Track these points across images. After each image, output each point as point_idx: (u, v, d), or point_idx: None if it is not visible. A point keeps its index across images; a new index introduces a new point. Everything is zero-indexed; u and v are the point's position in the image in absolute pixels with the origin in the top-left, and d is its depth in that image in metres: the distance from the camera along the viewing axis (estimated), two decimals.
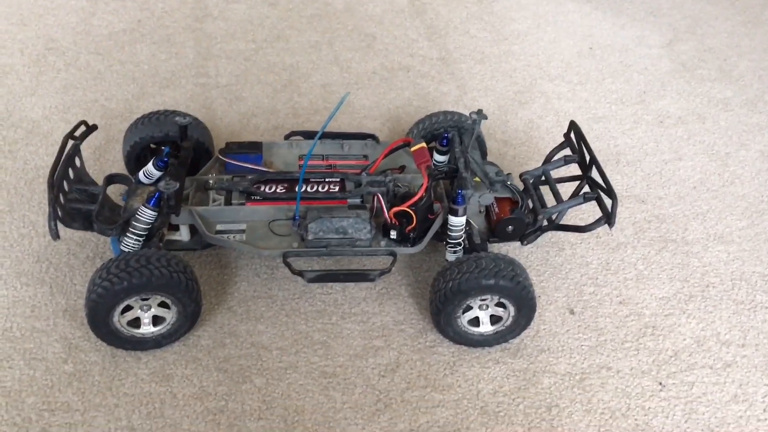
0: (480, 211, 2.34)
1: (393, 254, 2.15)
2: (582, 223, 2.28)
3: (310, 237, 2.11)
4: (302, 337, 2.18)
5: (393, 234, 2.15)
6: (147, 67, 3.26)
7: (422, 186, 2.15)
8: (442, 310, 2.09)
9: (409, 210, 2.13)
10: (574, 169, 2.43)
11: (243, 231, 2.19)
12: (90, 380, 2.00)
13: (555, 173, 2.41)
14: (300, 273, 2.09)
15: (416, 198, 2.12)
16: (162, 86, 3.15)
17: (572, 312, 2.33)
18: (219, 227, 2.19)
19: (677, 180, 2.91)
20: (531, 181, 2.36)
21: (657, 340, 2.26)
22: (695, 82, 3.52)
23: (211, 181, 2.28)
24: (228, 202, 2.23)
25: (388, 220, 2.15)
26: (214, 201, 2.25)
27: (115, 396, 1.97)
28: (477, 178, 2.28)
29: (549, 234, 2.54)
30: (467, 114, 2.58)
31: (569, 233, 2.56)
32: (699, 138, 3.16)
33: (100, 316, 1.94)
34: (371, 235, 2.13)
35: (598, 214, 2.21)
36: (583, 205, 2.41)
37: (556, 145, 2.47)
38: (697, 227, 2.70)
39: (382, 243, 2.17)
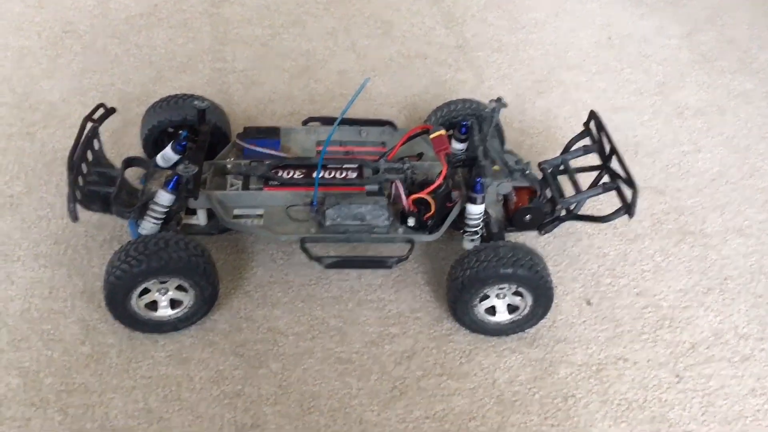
0: (498, 200, 2.32)
1: (410, 242, 2.14)
2: (599, 214, 2.26)
3: (327, 223, 2.11)
4: (318, 322, 2.18)
5: (411, 221, 2.14)
6: (164, 51, 3.26)
7: (441, 173, 2.14)
8: (458, 298, 2.08)
9: (427, 197, 2.12)
10: (592, 159, 2.41)
11: (260, 216, 2.18)
12: (107, 362, 2.01)
13: (574, 163, 2.39)
14: (317, 259, 2.09)
15: (435, 185, 2.12)
16: (179, 71, 3.15)
17: (589, 303, 2.32)
18: (236, 212, 2.19)
19: (696, 172, 2.89)
20: (550, 171, 2.34)
21: (674, 333, 2.25)
22: (715, 73, 3.49)
23: (228, 166, 2.28)
24: (246, 187, 2.23)
25: (406, 207, 2.14)
26: (231, 186, 2.24)
27: (132, 378, 1.98)
28: (496, 167, 2.26)
29: (566, 224, 2.51)
30: (486, 102, 2.56)
31: (587, 223, 2.54)
32: (718, 130, 3.12)
33: (118, 299, 1.95)
34: (389, 222, 2.13)
35: (616, 204, 2.19)
36: (601, 196, 2.39)
37: (575, 134, 2.45)
38: (715, 220, 2.67)
39: (400, 230, 2.16)
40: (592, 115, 2.41)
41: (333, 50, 3.38)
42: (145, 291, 2.00)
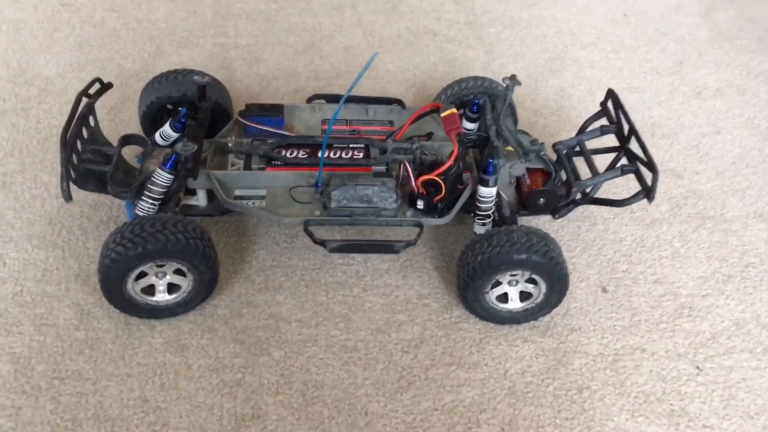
0: (510, 183, 2.22)
1: (419, 225, 2.05)
2: (615, 197, 2.16)
3: (333, 205, 2.01)
4: (322, 309, 2.09)
5: (420, 204, 2.04)
6: (164, 25, 3.15)
7: (452, 154, 2.04)
8: (469, 284, 1.99)
9: (437, 179, 2.02)
10: (609, 140, 2.30)
11: (263, 197, 2.09)
12: (102, 348, 1.93)
13: (590, 144, 2.28)
14: (322, 242, 2.00)
15: (446, 167, 2.01)
16: (179, 45, 3.04)
17: (605, 290, 2.23)
18: (238, 192, 2.09)
19: (715, 154, 2.78)
20: (564, 152, 2.25)
21: (694, 322, 2.16)
22: (734, 52, 3.36)
23: (230, 144, 2.18)
24: (247, 167, 2.13)
25: (415, 189, 2.04)
26: (233, 165, 2.15)
27: (128, 365, 1.90)
28: (509, 147, 2.16)
29: (580, 208, 2.42)
30: (498, 80, 2.45)
31: (602, 207, 2.44)
32: (738, 111, 3.01)
33: (113, 282, 1.86)
34: (397, 204, 2.03)
35: (633, 188, 2.09)
36: (618, 179, 2.29)
37: (590, 114, 2.34)
38: (736, 204, 2.57)
39: (408, 213, 2.06)
40: (610, 94, 2.30)
41: (339, 26, 3.27)
42: (142, 275, 1.91)
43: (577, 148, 2.28)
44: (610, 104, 2.29)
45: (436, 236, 2.32)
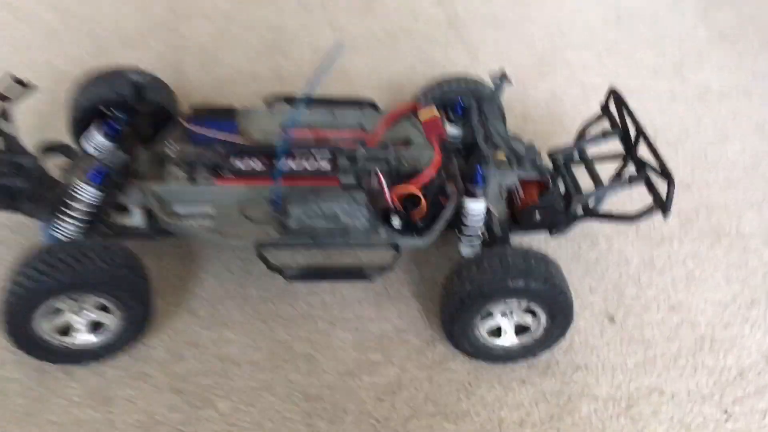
0: (501, 196, 1.90)
1: (396, 247, 1.72)
2: (616, 211, 1.86)
3: (292, 224, 1.69)
4: (281, 348, 1.75)
5: (396, 222, 1.72)
6: (109, 24, 2.81)
7: (433, 162, 1.72)
8: (456, 317, 1.67)
9: (416, 192, 1.70)
10: (613, 147, 2.00)
11: (210, 216, 1.75)
12: (8, 404, 1.57)
13: (591, 152, 1.98)
14: (278, 269, 1.67)
15: (426, 177, 1.70)
16: (125, 45, 2.70)
17: (612, 320, 1.92)
18: (179, 210, 1.75)
19: (726, 164, 2.50)
20: (562, 161, 1.94)
21: (717, 356, 1.85)
22: (736, 54, 3.10)
23: (171, 153, 1.84)
24: (192, 179, 1.79)
25: (390, 204, 1.72)
26: (174, 177, 1.81)
27: (38, 424, 1.54)
28: (500, 154, 1.85)
29: (580, 225, 2.10)
30: (485, 81, 2.15)
31: (604, 224, 2.13)
32: (746, 115, 2.74)
33: (18, 321, 1.51)
34: (369, 223, 1.71)
35: (639, 200, 1.79)
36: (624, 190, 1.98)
37: (587, 119, 2.04)
38: (753, 218, 2.28)
39: (382, 233, 1.74)
40: (612, 94, 2.01)
41: (306, 25, 2.95)
42: (58, 311, 1.56)
43: (577, 156, 1.98)
44: (612, 105, 2.00)
45: (416, 260, 2.00)
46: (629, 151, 1.93)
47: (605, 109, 2.04)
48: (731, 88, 2.88)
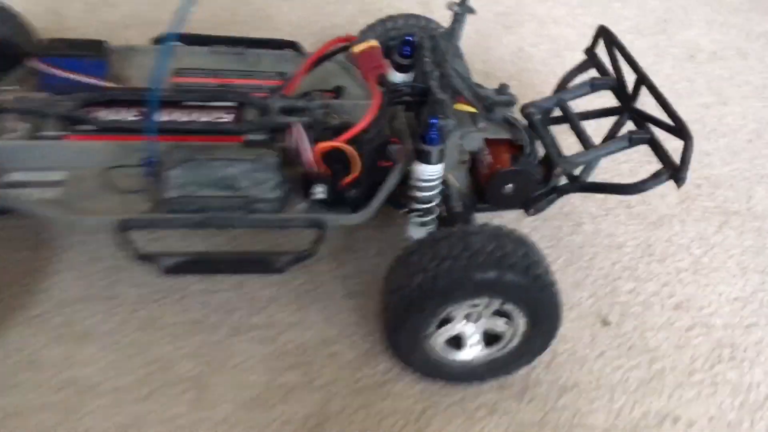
0: (462, 161, 1.43)
1: (319, 225, 1.24)
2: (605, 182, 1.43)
3: (171, 194, 1.20)
4: (160, 369, 1.26)
5: (319, 191, 1.24)
6: None
7: (369, 108, 1.25)
8: (402, 322, 1.20)
9: (345, 149, 1.22)
10: (604, 99, 1.56)
11: (58, 184, 1.25)
12: None
13: (576, 105, 1.53)
14: (147, 257, 1.17)
15: (359, 127, 1.22)
16: None
17: (606, 322, 1.48)
18: (16, 176, 1.24)
19: (726, 130, 2.10)
20: (539, 117, 1.48)
21: (741, 368, 1.43)
22: (725, 10, 2.73)
23: (8, 98, 1.32)
24: (34, 135, 1.28)
25: (312, 166, 1.24)
26: (10, 131, 1.29)
27: None
28: (464, 105, 1.38)
29: (559, 201, 1.65)
30: (438, 22, 1.71)
31: (588, 200, 1.70)
32: (744, 77, 2.36)
33: None
34: (281, 192, 1.22)
35: (631, 167, 1.36)
36: (618, 154, 1.55)
37: (566, 71, 1.60)
38: (764, 194, 1.88)
39: (301, 207, 1.26)
40: (602, 33, 1.58)
41: None
42: None
43: (558, 113, 1.53)
44: (601, 47, 1.56)
45: (350, 244, 1.52)
46: (626, 103, 1.49)
47: (590, 54, 1.60)
48: (724, 48, 2.50)
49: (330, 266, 1.48)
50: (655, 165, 1.31)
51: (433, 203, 1.34)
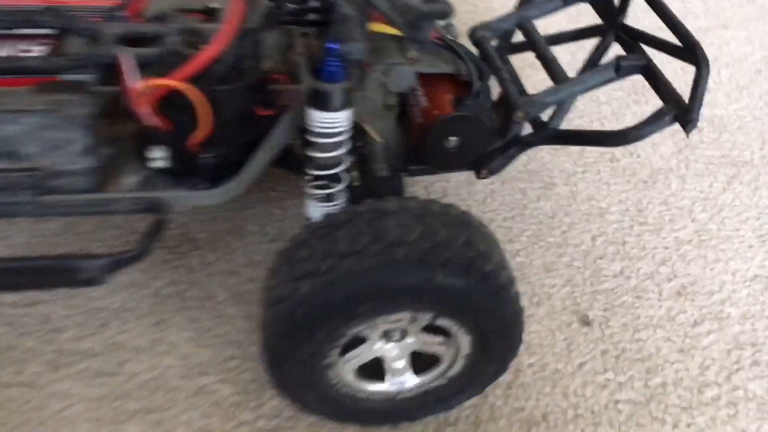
0: (387, 107, 1.01)
1: (156, 208, 0.83)
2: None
3: None
4: None
5: (157, 156, 0.82)
6: None
7: (225, 26, 0.83)
8: (286, 349, 0.80)
9: (186, 89, 0.80)
10: (581, 16, 1.16)
11: None
12: None
13: (544, 27, 1.12)
14: None
15: (205, 56, 0.80)
16: None
17: (587, 322, 1.11)
18: None
19: (728, 60, 1.76)
20: (494, 44, 1.08)
21: (767, 377, 1.05)
22: None
23: None
24: None
25: (146, 115, 0.81)
26: None
27: None
28: (385, 27, 0.96)
29: (524, 156, 1.26)
30: None
31: (560, 154, 1.30)
32: None
33: None
34: (96, 160, 0.81)
35: (614, 109, 1.01)
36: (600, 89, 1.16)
37: None
38: None
39: (131, 181, 0.84)
40: None
41: None
42: None
43: (520, 37, 1.13)
44: None
45: (237, 226, 1.11)
46: (612, 19, 1.09)
47: None
48: None
49: (206, 258, 1.06)
50: (648, 105, 0.91)
51: (339, 168, 0.93)
